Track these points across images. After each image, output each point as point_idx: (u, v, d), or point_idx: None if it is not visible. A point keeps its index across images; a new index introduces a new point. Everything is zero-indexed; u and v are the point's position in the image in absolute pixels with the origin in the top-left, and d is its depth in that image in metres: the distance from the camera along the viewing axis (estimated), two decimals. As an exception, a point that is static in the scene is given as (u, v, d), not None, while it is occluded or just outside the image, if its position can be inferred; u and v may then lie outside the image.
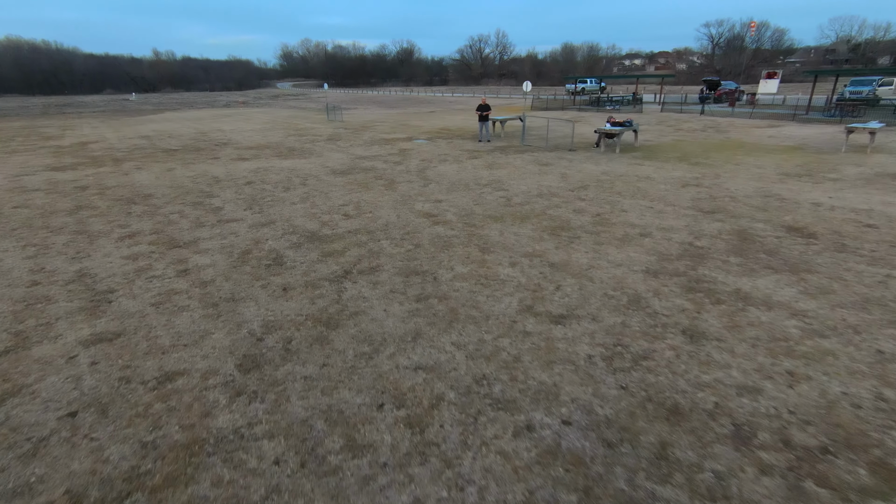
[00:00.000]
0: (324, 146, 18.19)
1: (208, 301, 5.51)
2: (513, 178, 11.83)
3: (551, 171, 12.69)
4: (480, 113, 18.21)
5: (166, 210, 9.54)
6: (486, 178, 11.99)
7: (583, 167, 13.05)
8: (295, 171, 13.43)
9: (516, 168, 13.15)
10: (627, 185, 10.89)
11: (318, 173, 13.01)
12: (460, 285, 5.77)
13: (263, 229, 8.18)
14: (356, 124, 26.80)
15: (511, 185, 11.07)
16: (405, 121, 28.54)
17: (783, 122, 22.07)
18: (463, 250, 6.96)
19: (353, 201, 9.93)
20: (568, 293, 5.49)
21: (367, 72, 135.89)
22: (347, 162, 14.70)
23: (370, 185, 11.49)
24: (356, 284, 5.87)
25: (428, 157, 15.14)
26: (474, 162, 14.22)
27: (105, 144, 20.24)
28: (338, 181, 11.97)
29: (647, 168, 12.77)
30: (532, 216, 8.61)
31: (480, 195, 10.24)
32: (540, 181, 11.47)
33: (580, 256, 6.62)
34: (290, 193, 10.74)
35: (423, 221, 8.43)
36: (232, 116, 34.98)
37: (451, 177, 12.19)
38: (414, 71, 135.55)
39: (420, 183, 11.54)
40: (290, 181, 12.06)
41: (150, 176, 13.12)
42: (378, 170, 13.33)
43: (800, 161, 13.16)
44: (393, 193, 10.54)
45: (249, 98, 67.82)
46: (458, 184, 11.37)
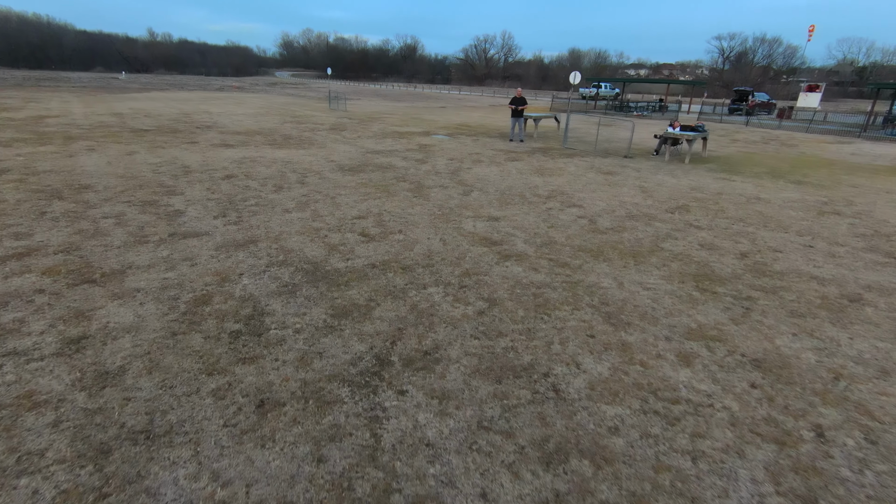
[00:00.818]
0: (326, 136, 15.22)
1: (91, 447, 2.56)
2: (578, 190, 8.97)
3: (622, 181, 9.86)
4: (514, 107, 15.36)
5: (100, 211, 6.54)
6: (542, 186, 9.13)
7: (660, 179, 10.25)
8: (291, 163, 10.46)
9: (574, 176, 10.30)
10: (740, 207, 8.10)
11: (320, 168, 10.06)
12: (613, 415, 2.89)
13: (238, 254, 5.23)
14: (362, 114, 23.83)
15: (583, 200, 8.21)
16: (416, 114, 25.62)
17: (850, 139, 19.52)
18: (573, 315, 4.08)
19: (373, 212, 7.01)
20: (854, 463, 2.63)
21: (369, 66, 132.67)
22: (357, 156, 11.75)
23: (391, 188, 8.57)
24: (404, 401, 2.96)
25: (457, 156, 12.23)
26: (517, 165, 11.35)
27: (65, 120, 17.05)
28: (347, 181, 9.03)
29: (745, 185, 9.99)
30: (644, 252, 5.76)
31: (548, 212, 7.37)
32: (616, 195, 8.63)
33: (790, 344, 3.77)
34: (284, 195, 7.79)
35: (482, 252, 5.54)
36: (223, 99, 31.78)
37: (496, 182, 9.31)
38: (417, 68, 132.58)
39: (458, 189, 8.65)
40: (283, 177, 9.10)
41: (101, 160, 10.06)
42: (398, 168, 10.41)
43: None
44: (425, 203, 7.63)
45: (245, 84, 64.33)
46: (510, 193, 8.49)
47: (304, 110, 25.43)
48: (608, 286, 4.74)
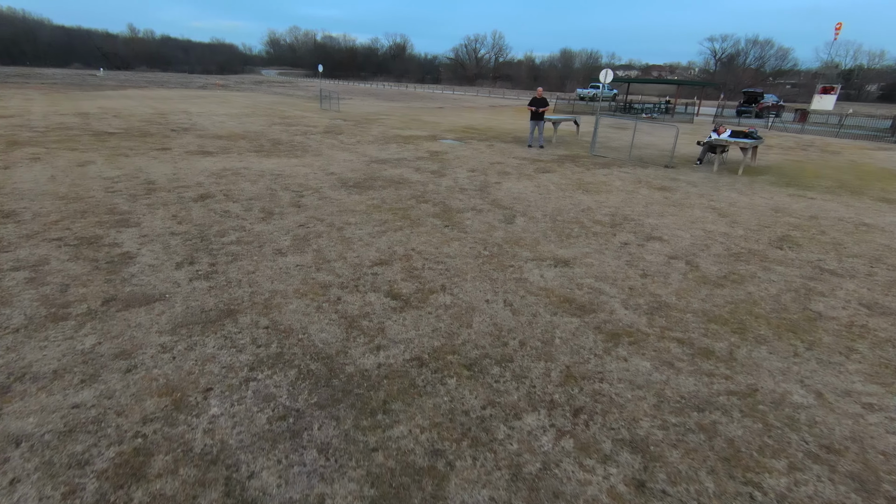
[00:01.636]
0: (321, 141, 13.28)
1: None
2: (642, 213, 7.22)
3: (686, 200, 8.13)
4: (535, 109, 13.58)
5: (11, 258, 4.59)
6: (596, 209, 7.36)
7: (727, 196, 8.55)
8: (282, 177, 8.55)
9: (626, 193, 8.56)
10: (855, 238, 6.41)
11: (319, 184, 8.16)
12: None
13: (206, 340, 3.35)
14: (357, 116, 21.88)
15: (658, 229, 6.45)
16: (415, 115, 23.74)
17: (887, 144, 18.16)
18: (799, 489, 2.29)
19: (397, 252, 5.16)
20: None
21: (358, 64, 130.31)
22: (361, 167, 9.86)
23: (412, 213, 6.72)
24: None
25: (477, 167, 10.41)
26: (552, 178, 9.57)
27: (18, 121, 14.85)
28: (355, 202, 7.16)
29: (831, 204, 8.33)
30: (801, 322, 4.01)
31: (626, 250, 5.59)
32: (693, 221, 6.89)
33: None
34: (275, 226, 5.90)
35: (573, 327, 3.74)
36: (205, 98, 29.52)
37: (538, 203, 7.51)
38: (406, 67, 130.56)
39: (496, 214, 6.83)
40: (274, 198, 7.19)
41: (44, 174, 8.04)
42: (413, 183, 8.56)
43: None
44: (463, 236, 5.80)
45: (230, 82, 61.76)
46: (563, 219, 6.70)
47: (294, 110, 23.39)
48: (804, 402, 2.96)
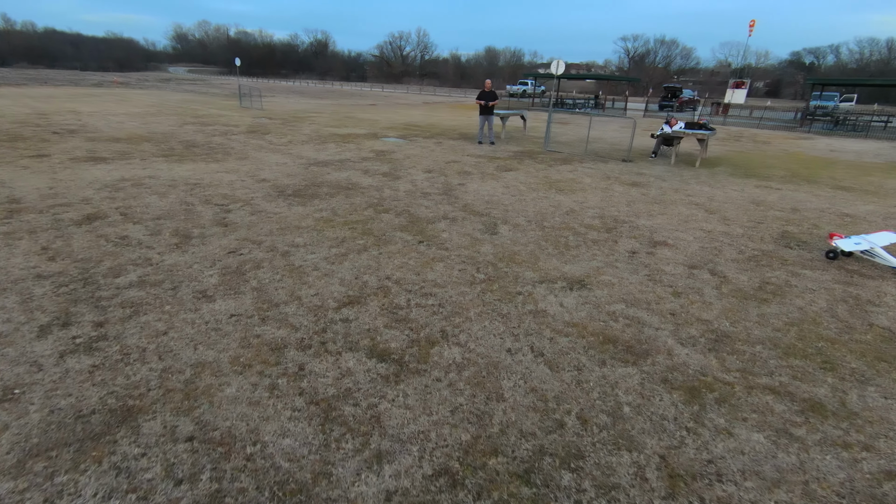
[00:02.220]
0: (246, 141, 11.47)
1: None
2: (630, 214, 6.48)
3: (665, 197, 7.56)
4: (484, 103, 12.67)
5: None
6: (580, 210, 6.52)
7: (700, 190, 8.11)
8: (200, 187, 6.89)
9: (601, 191, 7.84)
10: (859, 234, 6.06)
11: (249, 194, 6.62)
12: None
13: (83, 490, 1.95)
14: (283, 114, 19.84)
15: (657, 232, 5.71)
16: (348, 113, 22.08)
17: (801, 134, 19.37)
18: None
19: (369, 286, 3.91)
20: None
21: (277, 62, 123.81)
22: (299, 171, 8.36)
23: (373, 226, 5.46)
24: None
25: (433, 167, 9.28)
26: (518, 177, 8.66)
27: None
28: (298, 216, 5.75)
29: (803, 195, 8.14)
30: (889, 351, 3.31)
31: (636, 260, 4.74)
32: (686, 221, 6.25)
33: None
34: (194, 255, 4.40)
35: (633, 381, 2.75)
36: (100, 97, 25.74)
37: (515, 206, 6.54)
38: (330, 64, 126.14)
39: (473, 223, 5.75)
40: (191, 215, 5.61)
41: None
42: (365, 188, 7.26)
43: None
44: (444, 254, 4.66)
45: (131, 80, 55.56)
46: (551, 225, 5.76)
47: (210, 109, 20.84)
48: None
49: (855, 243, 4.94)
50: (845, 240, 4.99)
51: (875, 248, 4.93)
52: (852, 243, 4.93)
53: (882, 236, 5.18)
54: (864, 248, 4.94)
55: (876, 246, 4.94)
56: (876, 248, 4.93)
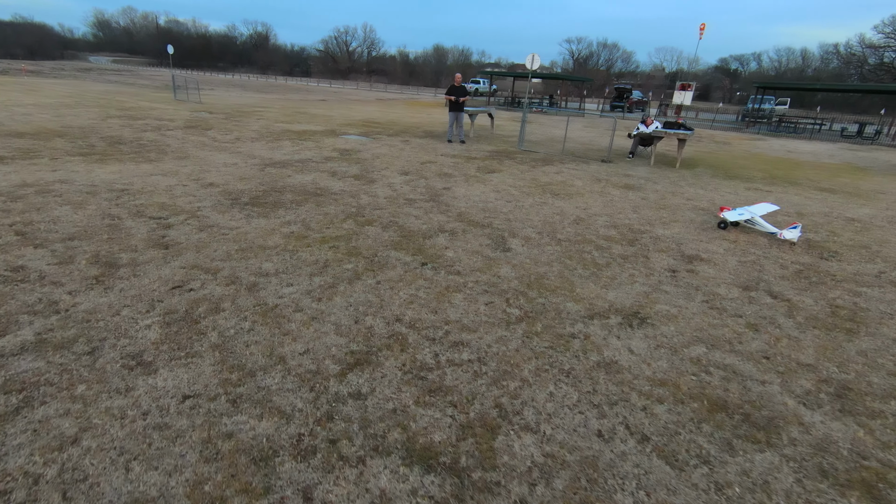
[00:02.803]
0: (185, 138, 9.90)
1: None
2: (644, 222, 5.82)
3: (664, 201, 7.00)
4: (455, 99, 11.77)
5: None
6: (587, 219, 5.78)
7: (697, 194, 7.64)
8: (129, 194, 5.51)
9: (598, 195, 7.17)
10: (877, 240, 5.71)
11: (194, 203, 5.34)
12: None
13: None
14: (226, 108, 17.97)
15: (686, 245, 5.05)
16: (298, 108, 20.45)
17: (752, 135, 20.01)
18: None
19: (376, 334, 2.90)
20: None
21: (214, 54, 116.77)
22: (253, 174, 7.09)
23: (360, 244, 4.42)
24: None
25: (409, 168, 8.28)
26: (504, 179, 7.84)
27: None
28: (261, 231, 4.59)
29: (795, 198, 7.87)
30: None
31: (685, 283, 4.02)
32: (710, 230, 5.67)
33: None
34: (121, 295, 3.19)
35: (796, 484, 1.95)
36: (4, 85, 22.42)
37: (515, 215, 5.70)
38: (271, 58, 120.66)
39: (477, 236, 4.84)
40: (117, 233, 4.30)
41: None
42: (337, 194, 6.15)
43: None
44: (458, 281, 3.71)
45: (44, 68, 49.94)
46: (566, 238, 4.96)
47: (139, 101, 18.56)
48: None
49: (739, 214, 5.71)
50: (731, 212, 5.75)
51: (755, 217, 5.68)
52: (737, 214, 5.71)
53: (761, 207, 6.10)
54: (747, 218, 5.69)
55: (755, 216, 5.69)
56: (755, 217, 5.68)
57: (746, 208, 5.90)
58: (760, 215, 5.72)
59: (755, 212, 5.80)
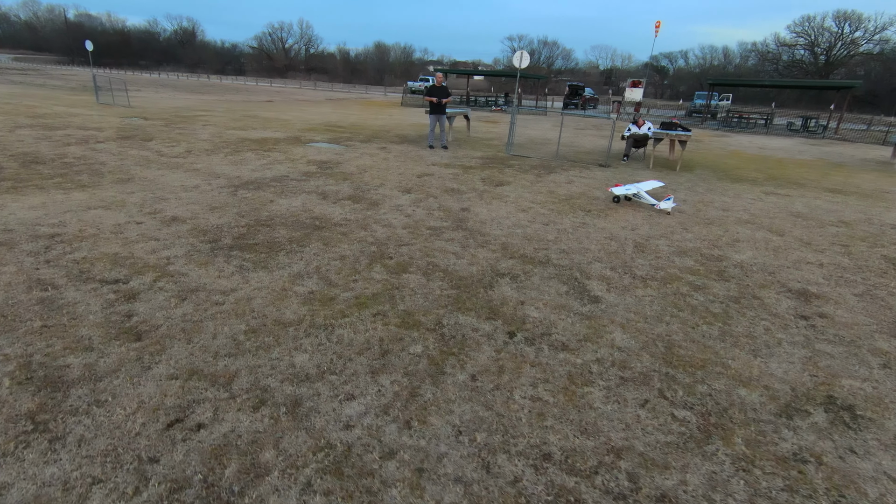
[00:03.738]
0: (122, 153, 8.15)
1: None
2: (707, 244, 5.05)
3: (704, 213, 6.31)
4: (436, 100, 10.66)
5: None
6: (645, 244, 4.92)
7: (724, 202, 7.05)
8: (61, 242, 4.01)
9: (630, 210, 6.38)
10: (941, 251, 5.25)
11: (157, 251, 3.95)
12: None
13: None
14: (162, 112, 15.78)
15: (780, 274, 4.30)
16: (246, 111, 18.46)
17: (710, 131, 20.37)
18: None
19: (534, 497, 1.82)
20: None
21: (134, 51, 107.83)
22: (223, 199, 5.67)
23: (409, 305, 3.27)
24: None
25: (408, 185, 7.12)
26: (521, 194, 6.88)
27: None
28: (267, 293, 3.33)
29: (816, 202, 7.46)
30: None
31: (857, 347, 3.22)
32: (780, 250, 4.98)
33: None
34: (78, 457, 1.89)
35: None
36: None
37: (565, 244, 4.74)
38: (200, 56, 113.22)
39: (550, 283, 3.83)
40: (53, 314, 2.90)
41: None
42: (341, 225, 4.92)
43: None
44: (576, 363, 2.69)
45: (-72, 67, 43.48)
46: (646, 275, 4.06)
47: (54, 106, 15.93)
48: None
49: (626, 189, 6.59)
50: (620, 188, 6.61)
51: (640, 192, 6.49)
52: (624, 189, 6.58)
53: (648, 184, 6.97)
54: (633, 192, 6.53)
55: (641, 190, 6.52)
56: (641, 192, 6.49)
57: (635, 185, 6.77)
58: (646, 190, 6.61)
59: (641, 187, 6.67)
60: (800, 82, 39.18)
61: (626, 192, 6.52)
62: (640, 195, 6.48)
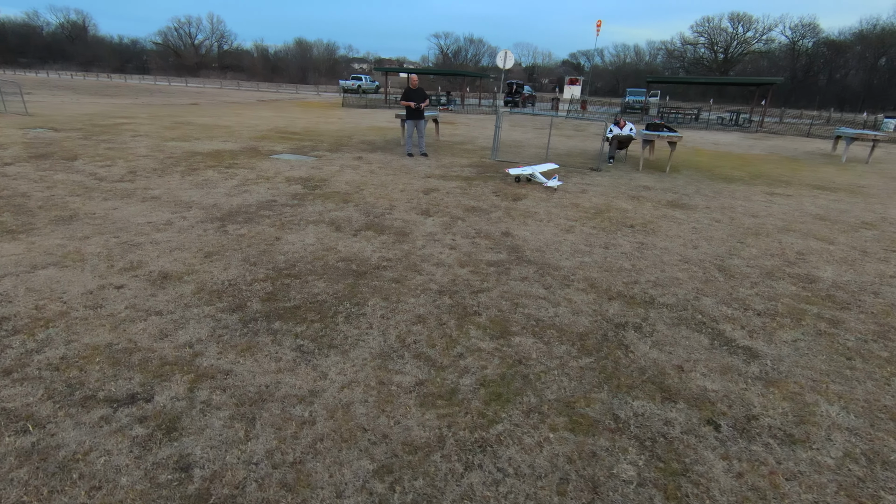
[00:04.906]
0: (44, 178, 6.45)
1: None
2: (785, 261, 4.71)
3: (740, 221, 6.04)
4: (414, 105, 9.73)
5: None
6: (738, 272, 4.48)
7: (739, 206, 6.88)
8: (14, 332, 2.75)
9: (665, 221, 5.95)
10: (979, 252, 5.30)
11: (167, 341, 2.82)
12: None
13: None
14: (73, 121, 13.34)
15: (863, 295, 4.00)
16: (176, 117, 16.25)
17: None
18: None
19: None
20: None
21: (11, 47, 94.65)
22: (213, 239, 4.47)
23: (559, 395, 2.49)
24: None
25: (419, 203, 6.22)
26: (546, 209, 6.24)
27: None
28: (365, 401, 2.39)
29: (820, 200, 7.54)
30: None
31: None
32: (849, 262, 4.75)
33: None
34: None
35: None
36: None
37: (650, 274, 4.17)
38: (95, 52, 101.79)
39: (688, 334, 3.20)
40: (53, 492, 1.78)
41: None
42: (382, 269, 3.98)
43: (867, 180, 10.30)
44: (812, 480, 2.07)
45: None
46: (774, 310, 3.57)
47: (-77, 116, 12.93)
48: None
49: (522, 170, 7.54)
50: (517, 170, 7.54)
51: (535, 172, 7.49)
52: (520, 170, 7.54)
53: (544, 166, 7.98)
54: (529, 173, 7.50)
55: (535, 171, 7.53)
56: (535, 172, 7.50)
57: (531, 167, 7.77)
58: (541, 171, 7.56)
59: (536, 169, 7.64)
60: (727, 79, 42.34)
61: (523, 172, 7.52)
62: (535, 175, 7.51)
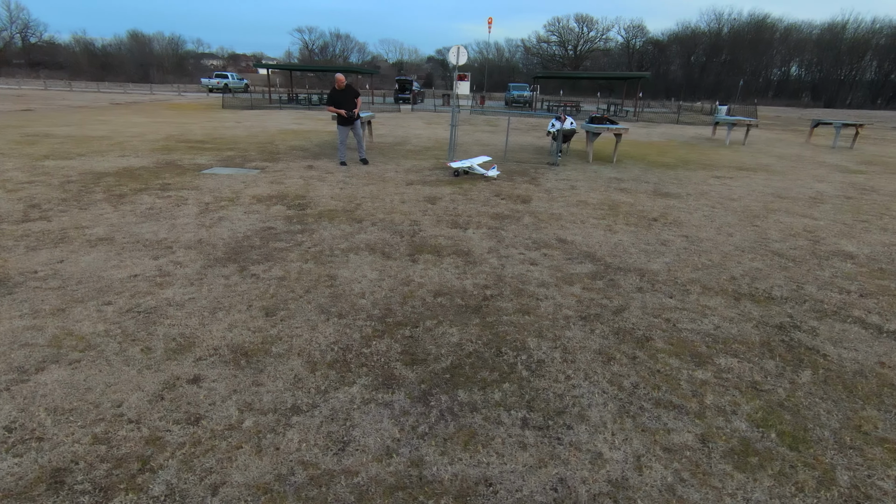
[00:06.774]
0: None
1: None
2: (820, 242, 5.16)
3: (741, 207, 6.55)
4: (346, 113, 8.33)
5: None
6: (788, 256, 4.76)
7: (724, 191, 7.51)
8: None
9: (675, 210, 6.21)
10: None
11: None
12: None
13: None
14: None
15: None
16: (22, 127, 12.72)
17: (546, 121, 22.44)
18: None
19: None
20: None
21: None
22: (259, 292, 3.43)
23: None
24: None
25: (438, 215, 5.60)
26: (565, 209, 6.08)
27: None
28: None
29: (776, 182, 8.55)
30: None
31: None
32: (883, 242, 5.37)
33: None
34: None
35: None
36: None
37: (714, 277, 4.24)
38: None
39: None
40: None
41: None
42: (492, 297, 3.42)
43: (767, 159, 12.11)
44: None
45: None
46: (855, 313, 3.82)
47: None
48: None
49: (461, 163, 7.86)
50: (456, 163, 7.86)
51: (473, 165, 7.80)
52: (459, 163, 7.86)
53: (480, 159, 8.27)
54: (467, 166, 7.79)
55: (473, 164, 7.83)
56: (473, 165, 7.80)
57: (469, 160, 8.07)
58: (478, 164, 7.86)
59: (474, 161, 7.94)
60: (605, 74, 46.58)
61: (462, 165, 7.77)
62: (473, 168, 7.77)
